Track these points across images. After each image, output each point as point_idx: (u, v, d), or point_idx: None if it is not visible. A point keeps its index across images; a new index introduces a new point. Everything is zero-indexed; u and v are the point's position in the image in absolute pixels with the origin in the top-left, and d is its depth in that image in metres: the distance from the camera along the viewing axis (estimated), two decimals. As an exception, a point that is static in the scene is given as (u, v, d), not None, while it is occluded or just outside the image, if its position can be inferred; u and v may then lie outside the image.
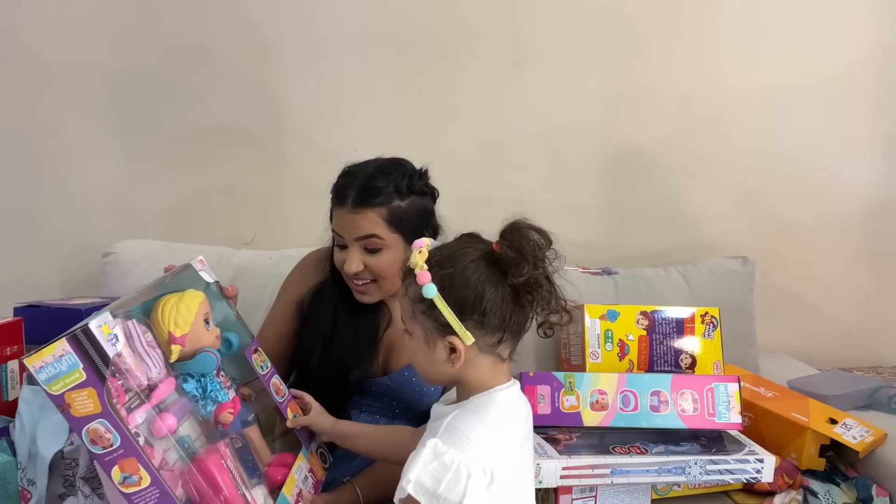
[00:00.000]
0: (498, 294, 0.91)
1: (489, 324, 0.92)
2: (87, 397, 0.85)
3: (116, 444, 0.86)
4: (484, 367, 0.94)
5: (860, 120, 2.01)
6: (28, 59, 1.82)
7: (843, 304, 2.08)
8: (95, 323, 0.87)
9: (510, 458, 0.92)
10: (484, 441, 0.89)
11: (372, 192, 1.24)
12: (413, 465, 0.86)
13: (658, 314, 1.50)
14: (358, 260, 1.26)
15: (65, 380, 0.85)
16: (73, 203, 1.87)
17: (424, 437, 0.90)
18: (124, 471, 0.86)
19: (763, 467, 1.24)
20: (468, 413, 0.91)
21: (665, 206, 2.01)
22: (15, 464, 1.13)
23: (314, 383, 1.31)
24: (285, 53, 1.87)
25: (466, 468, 0.85)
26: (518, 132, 1.95)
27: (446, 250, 0.95)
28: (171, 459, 0.94)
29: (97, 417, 0.85)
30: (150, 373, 0.95)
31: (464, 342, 0.91)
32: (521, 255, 0.90)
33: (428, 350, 0.94)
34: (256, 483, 1.04)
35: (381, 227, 1.24)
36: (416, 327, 0.95)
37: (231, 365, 1.13)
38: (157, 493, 0.87)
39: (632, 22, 1.94)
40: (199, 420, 1.02)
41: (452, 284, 0.91)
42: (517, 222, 0.94)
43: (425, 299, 0.91)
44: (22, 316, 1.37)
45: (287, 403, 1.19)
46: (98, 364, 0.86)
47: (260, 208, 1.92)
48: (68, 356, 0.84)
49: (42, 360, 0.84)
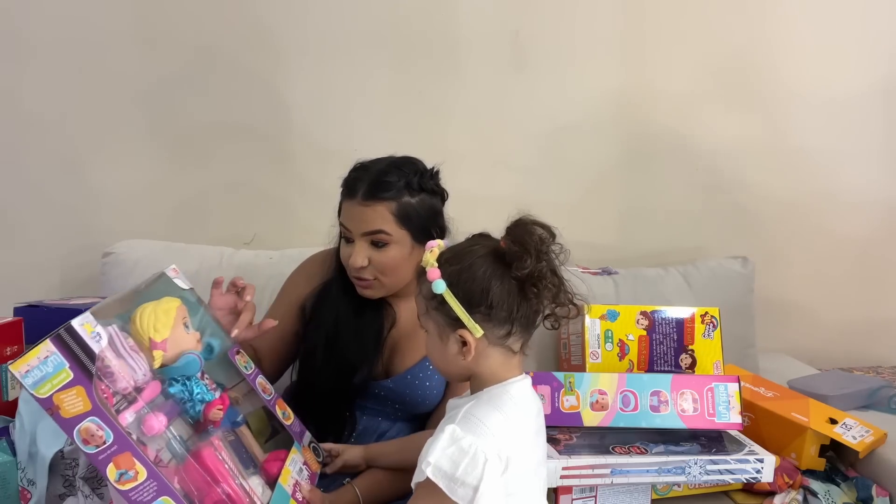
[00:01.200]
0: (503, 287, 0.95)
1: (497, 316, 0.95)
2: (75, 396, 0.84)
3: (109, 441, 0.85)
4: (495, 360, 0.97)
5: (860, 120, 2.01)
6: (29, 58, 1.82)
7: (843, 304, 2.08)
8: (77, 321, 0.86)
9: (525, 448, 0.96)
10: (500, 428, 0.92)
11: (383, 186, 1.25)
12: (432, 449, 0.89)
13: (658, 314, 1.50)
14: (364, 254, 1.26)
15: (52, 381, 0.84)
16: (73, 203, 1.87)
17: (442, 424, 0.94)
18: (119, 467, 0.86)
19: (763, 467, 1.24)
20: (484, 403, 0.95)
21: (665, 206, 2.01)
22: (15, 464, 1.13)
23: (319, 383, 1.31)
24: (285, 53, 1.87)
25: (483, 453, 0.88)
26: (518, 132, 1.95)
27: (455, 248, 0.99)
28: (165, 458, 0.94)
29: (88, 415, 0.85)
30: (136, 375, 0.94)
31: (473, 335, 0.94)
32: (524, 248, 0.94)
33: (441, 344, 0.98)
34: (252, 473, 1.04)
35: (389, 222, 1.25)
36: (429, 323, 0.99)
37: (215, 370, 1.12)
38: (155, 485, 0.87)
39: (632, 22, 1.94)
40: (188, 422, 1.02)
41: (460, 279, 0.95)
42: (521, 218, 0.98)
43: (437, 295, 0.95)
44: (22, 316, 1.38)
45: (275, 402, 1.19)
46: (84, 361, 0.85)
47: (260, 208, 1.92)
48: (53, 357, 0.84)
49: (27, 364, 0.83)
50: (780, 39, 1.97)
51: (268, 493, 1.03)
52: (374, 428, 1.36)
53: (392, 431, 1.36)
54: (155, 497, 0.87)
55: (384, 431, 1.36)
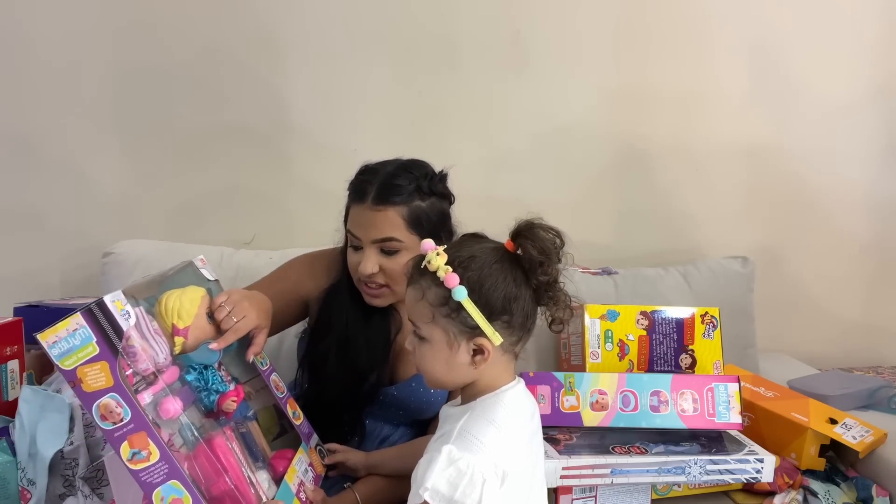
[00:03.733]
0: (523, 294, 0.93)
1: (514, 323, 0.93)
2: (99, 371, 0.86)
3: (127, 419, 0.86)
4: (499, 366, 0.96)
5: (860, 120, 2.01)
6: (29, 58, 1.81)
7: (843, 304, 2.08)
8: (109, 298, 0.88)
9: (520, 457, 0.94)
10: (496, 443, 0.90)
11: (393, 190, 1.21)
12: (429, 472, 0.86)
13: (658, 314, 1.50)
14: (374, 261, 1.22)
15: (77, 354, 0.85)
16: (73, 203, 1.87)
17: (437, 443, 0.91)
18: (133, 446, 0.87)
19: (763, 467, 1.24)
20: (478, 416, 0.92)
21: (665, 206, 2.01)
22: (15, 464, 1.14)
23: (330, 390, 1.29)
24: (286, 54, 1.87)
25: (481, 473, 0.86)
26: (518, 132, 1.95)
27: (464, 251, 0.94)
28: (177, 444, 0.95)
29: (109, 391, 0.86)
30: (157, 358, 0.96)
31: (493, 343, 0.92)
32: (547, 255, 0.92)
33: (450, 354, 0.94)
34: (261, 467, 1.05)
35: (400, 228, 1.21)
36: (435, 331, 0.94)
37: (231, 364, 1.14)
38: (167, 468, 0.87)
39: (632, 22, 1.94)
40: (201, 410, 1.03)
41: (483, 286, 0.91)
42: (534, 223, 0.95)
43: (450, 301, 0.91)
44: (22, 316, 1.38)
45: (286, 400, 1.19)
46: (112, 337, 0.87)
47: (260, 208, 1.92)
48: (82, 330, 0.85)
49: (56, 334, 0.85)
50: (780, 39, 1.97)
51: (273, 488, 1.03)
52: (378, 433, 1.35)
53: (395, 436, 1.35)
54: (165, 479, 0.88)
55: (387, 436, 1.35)
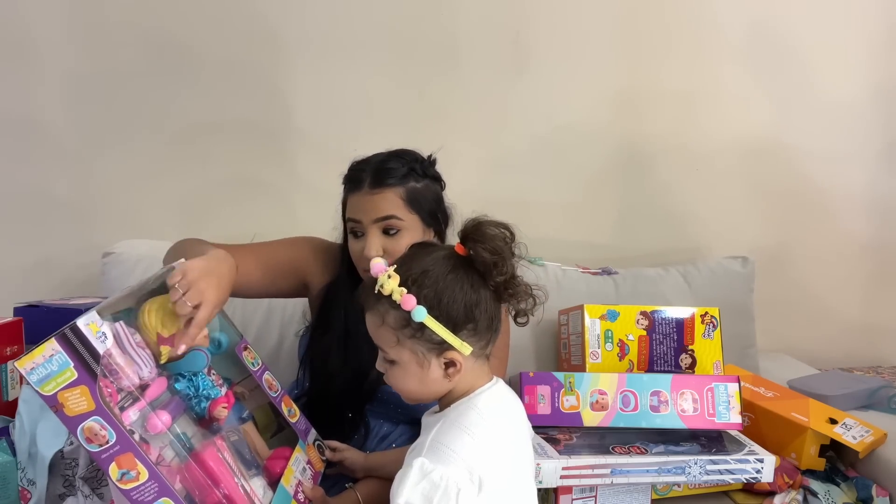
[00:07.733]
0: (483, 298, 0.92)
1: (480, 328, 0.92)
2: (79, 395, 0.85)
3: (112, 441, 0.86)
4: (472, 371, 0.95)
5: (861, 119, 2.01)
6: (28, 57, 1.82)
7: (843, 304, 2.08)
8: (83, 321, 0.87)
9: (499, 461, 0.92)
10: (469, 451, 0.88)
11: (388, 173, 1.24)
12: (401, 486, 0.85)
13: (658, 314, 1.50)
14: (378, 244, 1.22)
15: (56, 379, 0.84)
16: (73, 203, 1.87)
17: (411, 456, 0.89)
18: (122, 467, 0.86)
19: (763, 467, 1.24)
20: (450, 425, 0.91)
21: (665, 206, 2.01)
22: (15, 464, 1.13)
23: (332, 386, 1.29)
24: (286, 53, 1.87)
25: (455, 483, 0.85)
26: (518, 132, 1.95)
27: (415, 267, 0.92)
28: (168, 456, 0.94)
29: (91, 415, 0.85)
30: (142, 372, 0.95)
31: (462, 354, 0.91)
32: (499, 254, 0.91)
33: (422, 372, 0.93)
34: (255, 474, 1.04)
35: (399, 207, 1.23)
36: (403, 353, 0.92)
37: (222, 365, 1.13)
38: (156, 486, 0.87)
39: (632, 22, 1.94)
40: (193, 418, 1.02)
41: (441, 301, 0.89)
42: (481, 221, 0.93)
43: (412, 322, 0.89)
44: (22, 316, 1.38)
45: (281, 398, 1.19)
46: (88, 361, 0.86)
47: (260, 208, 1.92)
48: (59, 355, 0.84)
49: (33, 360, 0.84)
50: (779, 39, 1.97)
51: (269, 494, 1.03)
52: (377, 430, 1.34)
53: (394, 434, 1.35)
54: (156, 498, 0.87)
55: (387, 434, 1.35)
